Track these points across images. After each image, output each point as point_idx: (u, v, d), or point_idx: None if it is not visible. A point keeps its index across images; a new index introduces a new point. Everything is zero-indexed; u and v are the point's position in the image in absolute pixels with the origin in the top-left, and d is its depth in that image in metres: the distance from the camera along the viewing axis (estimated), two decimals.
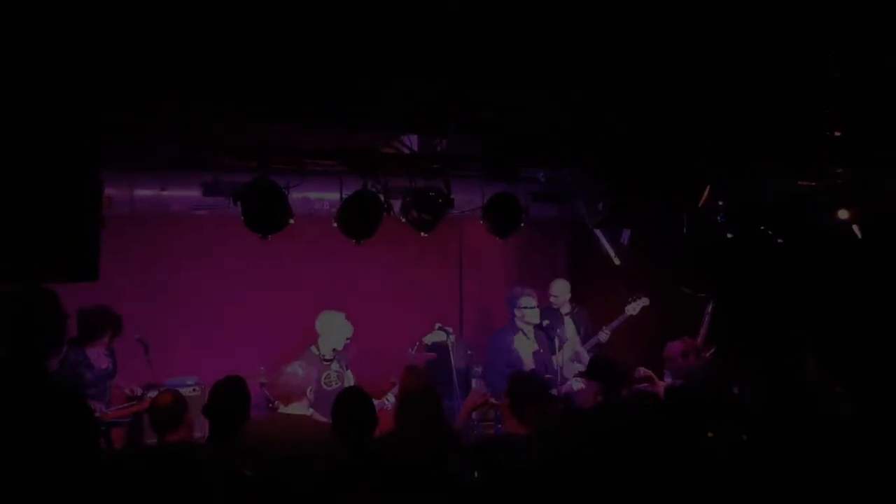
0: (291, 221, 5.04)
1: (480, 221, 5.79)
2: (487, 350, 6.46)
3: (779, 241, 6.20)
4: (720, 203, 6.09)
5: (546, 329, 6.37)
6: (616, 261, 6.85)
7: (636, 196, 5.93)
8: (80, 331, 5.38)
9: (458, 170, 5.72)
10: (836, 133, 5.08)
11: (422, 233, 5.50)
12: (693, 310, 6.28)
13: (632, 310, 6.52)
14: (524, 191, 6.16)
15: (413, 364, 5.04)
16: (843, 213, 5.89)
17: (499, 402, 4.64)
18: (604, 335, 6.50)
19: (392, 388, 5.38)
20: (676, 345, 5.51)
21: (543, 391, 4.21)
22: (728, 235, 6.30)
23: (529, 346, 6.31)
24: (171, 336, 6.16)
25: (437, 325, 6.16)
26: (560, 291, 6.75)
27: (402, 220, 5.51)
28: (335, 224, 5.26)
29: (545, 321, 6.44)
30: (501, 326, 6.48)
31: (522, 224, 5.76)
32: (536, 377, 4.64)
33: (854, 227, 5.95)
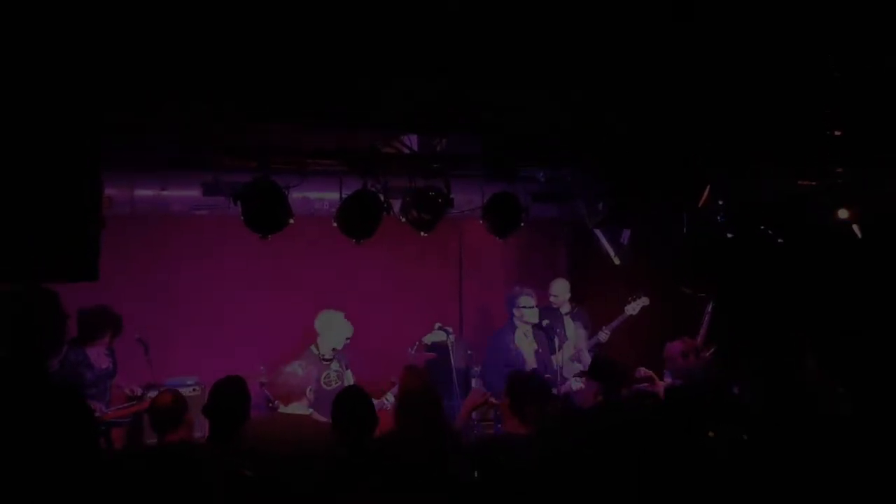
0: (291, 221, 5.04)
1: (480, 221, 5.79)
2: (486, 349, 6.47)
3: (779, 241, 6.20)
4: (720, 203, 6.09)
5: (546, 329, 6.37)
6: (616, 261, 6.85)
7: (636, 196, 5.93)
8: (81, 331, 5.39)
9: (458, 170, 5.72)
10: (836, 133, 5.08)
11: (422, 233, 5.50)
12: (693, 310, 6.28)
13: (632, 310, 6.52)
14: (524, 191, 6.16)
15: (413, 364, 5.04)
16: (843, 213, 5.89)
17: (499, 402, 4.65)
18: (604, 335, 6.50)
19: (392, 388, 5.38)
20: (676, 345, 5.51)
21: (544, 391, 4.20)
22: (728, 235, 6.30)
23: (530, 346, 6.32)
24: (171, 336, 6.16)
25: (437, 325, 6.16)
26: (560, 291, 6.75)
27: (402, 220, 5.51)
28: (335, 224, 5.26)
29: (545, 321, 6.44)
30: (501, 326, 6.50)
31: (522, 224, 5.76)
32: (536, 377, 4.64)
33: (854, 227, 5.96)
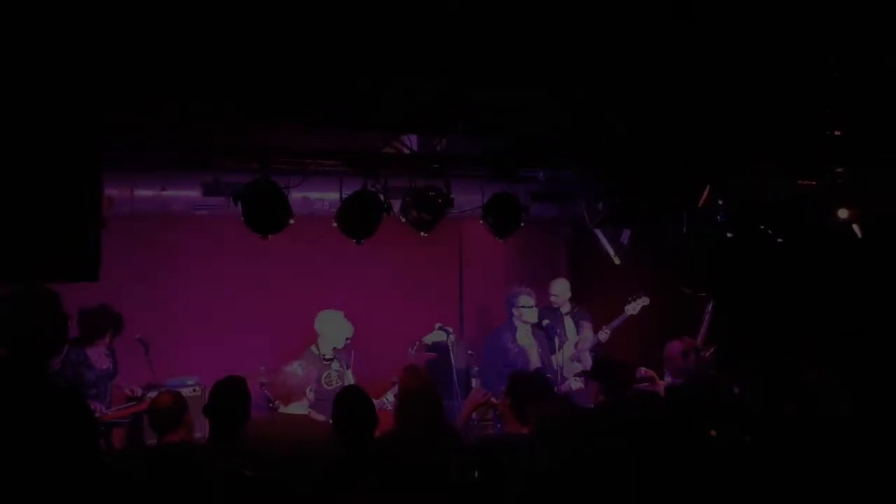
0: (291, 221, 5.04)
1: (480, 221, 5.79)
2: (484, 349, 6.47)
3: (779, 241, 6.20)
4: (720, 203, 6.09)
5: (546, 329, 6.37)
6: (616, 261, 6.86)
7: (636, 196, 5.93)
8: (81, 331, 5.39)
9: (458, 170, 5.72)
10: (836, 133, 5.09)
11: (422, 233, 5.50)
12: (693, 310, 6.28)
13: (632, 309, 6.52)
14: (524, 191, 6.16)
15: (413, 364, 5.04)
16: (843, 213, 5.89)
17: (499, 402, 4.64)
18: (604, 335, 6.50)
19: (392, 388, 5.38)
20: (676, 345, 5.52)
21: (544, 391, 4.20)
22: (728, 235, 6.31)
23: (531, 345, 6.31)
24: (172, 336, 6.15)
25: (438, 325, 6.16)
26: (560, 291, 6.75)
27: (402, 220, 5.50)
28: (335, 224, 5.26)
29: (545, 321, 6.44)
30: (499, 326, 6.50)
31: (522, 224, 5.76)
32: (537, 377, 4.64)
33: (854, 227, 5.96)
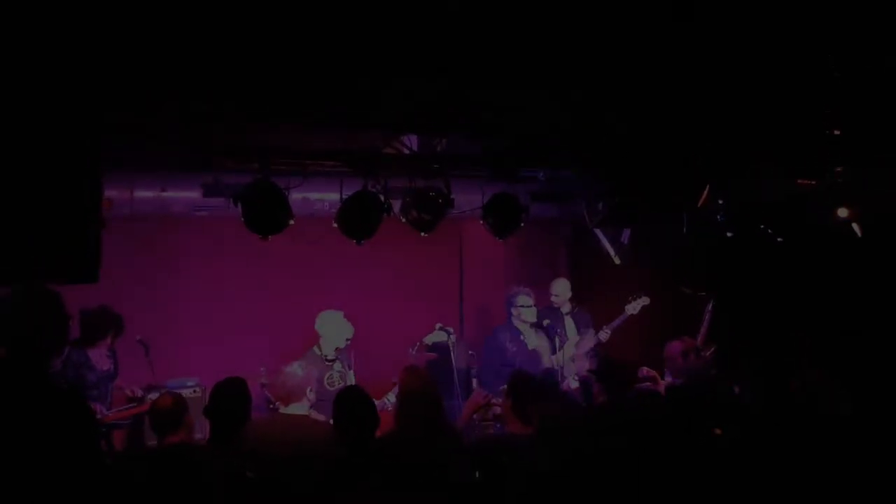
0: (292, 222, 5.04)
1: (480, 221, 5.79)
2: (483, 349, 6.47)
3: (779, 241, 6.20)
4: (720, 203, 6.09)
5: (546, 329, 6.37)
6: (616, 260, 6.86)
7: (636, 196, 5.93)
8: (83, 332, 5.38)
9: (458, 170, 5.72)
10: (836, 133, 5.09)
11: (422, 233, 5.50)
12: (693, 310, 6.28)
13: (632, 309, 6.52)
14: (524, 191, 6.16)
15: (413, 364, 5.03)
16: (843, 212, 5.89)
17: (499, 403, 4.64)
18: (604, 335, 6.50)
19: (393, 389, 5.38)
20: (676, 344, 5.52)
21: (548, 390, 4.21)
22: (728, 235, 6.31)
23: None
24: (172, 337, 6.15)
25: (438, 326, 6.16)
26: (561, 291, 6.75)
27: (402, 221, 5.50)
28: (335, 224, 5.26)
29: (546, 321, 6.44)
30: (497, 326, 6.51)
31: (522, 224, 5.75)
32: (537, 377, 4.65)
33: (854, 226, 5.96)
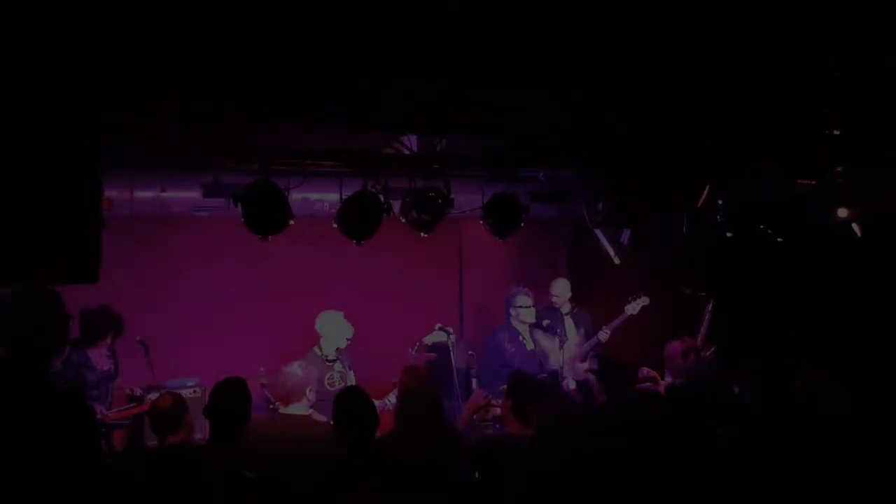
0: (291, 222, 5.04)
1: (480, 222, 5.78)
2: (483, 349, 6.47)
3: (779, 241, 6.20)
4: (720, 203, 6.09)
5: (546, 329, 6.37)
6: (616, 260, 6.85)
7: (636, 196, 5.93)
8: (83, 332, 5.38)
9: (458, 170, 5.71)
10: (836, 133, 5.09)
11: (422, 233, 5.49)
12: (693, 310, 6.28)
13: (632, 309, 6.52)
14: (524, 191, 6.16)
15: (413, 364, 5.04)
16: (843, 212, 5.89)
17: (499, 404, 4.64)
18: (604, 335, 6.50)
19: (394, 390, 5.38)
20: (676, 345, 5.52)
21: (548, 391, 4.22)
22: (728, 235, 6.31)
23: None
24: (172, 337, 6.15)
25: (438, 326, 6.16)
26: (561, 291, 6.75)
27: (402, 221, 5.50)
28: (335, 225, 5.26)
29: (545, 321, 6.44)
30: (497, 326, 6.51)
31: (522, 224, 5.75)
32: (536, 378, 4.65)
33: (854, 226, 5.96)
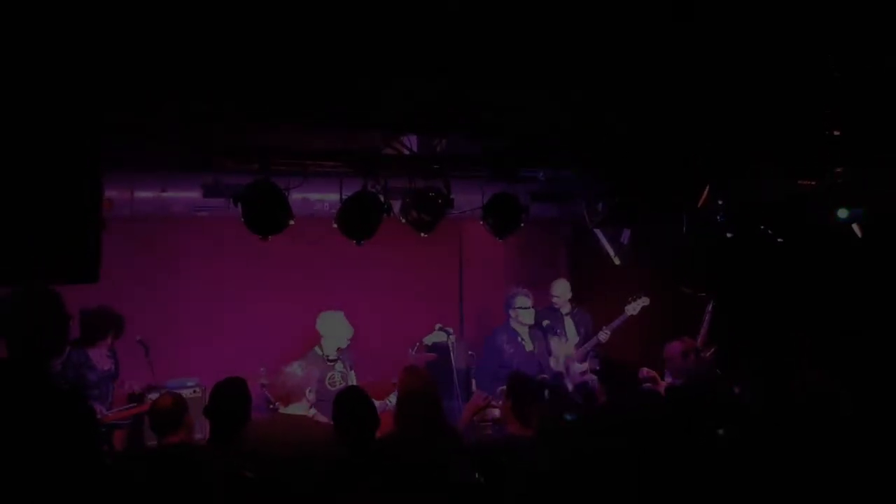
0: (292, 222, 5.04)
1: (480, 222, 5.78)
2: (483, 349, 6.47)
3: (779, 241, 6.20)
4: (720, 203, 6.09)
5: (546, 329, 6.36)
6: (616, 261, 6.86)
7: (636, 196, 5.93)
8: (83, 332, 5.39)
9: (458, 170, 5.72)
10: (836, 133, 5.09)
11: (422, 233, 5.49)
12: (693, 310, 6.28)
13: (632, 309, 6.52)
14: (524, 191, 6.16)
15: (413, 364, 5.04)
16: (843, 213, 5.89)
17: (498, 405, 4.64)
18: (604, 335, 6.50)
19: (395, 390, 5.38)
20: (676, 345, 5.52)
21: (555, 395, 4.22)
22: (728, 235, 6.31)
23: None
24: (172, 337, 6.15)
25: (438, 326, 6.16)
26: (562, 292, 6.75)
27: (402, 221, 5.50)
28: (335, 225, 5.26)
29: (545, 321, 6.44)
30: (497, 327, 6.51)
31: (522, 224, 5.75)
32: (536, 379, 4.65)
33: (854, 227, 5.96)
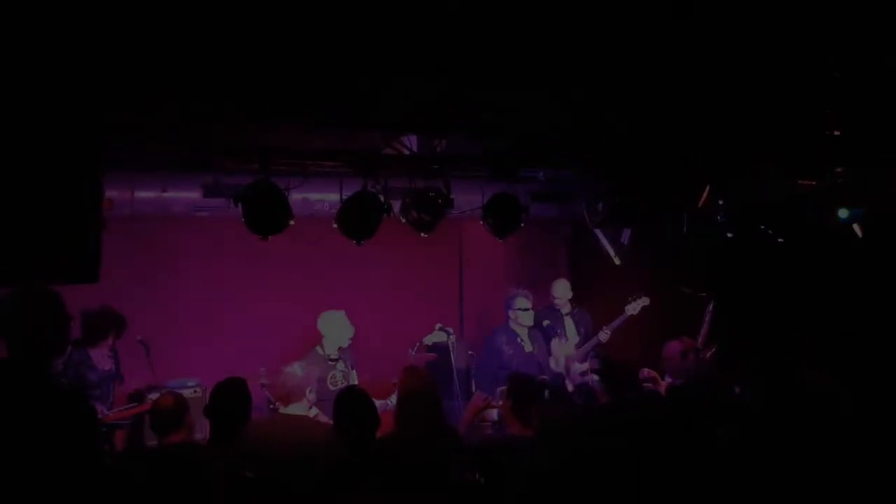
0: (292, 223, 5.04)
1: (480, 222, 5.79)
2: (483, 349, 6.48)
3: (779, 241, 6.20)
4: (720, 203, 6.09)
5: (546, 329, 6.36)
6: (616, 261, 6.85)
7: (636, 196, 5.93)
8: (84, 332, 5.39)
9: (458, 170, 5.72)
10: (836, 133, 5.09)
11: (422, 233, 5.50)
12: (693, 310, 6.28)
13: (632, 309, 6.52)
14: (524, 191, 6.16)
15: (413, 364, 5.04)
16: (843, 212, 5.89)
17: (499, 405, 4.65)
18: (604, 335, 6.50)
19: (395, 390, 5.38)
20: (675, 345, 5.52)
21: (556, 396, 4.22)
22: (728, 235, 6.31)
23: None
24: (173, 337, 6.15)
25: (438, 326, 6.17)
26: (562, 292, 6.75)
27: (402, 221, 5.50)
28: (335, 225, 5.26)
29: (545, 321, 6.43)
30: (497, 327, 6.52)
31: (522, 224, 5.75)
32: (535, 379, 4.65)
33: (854, 226, 5.96)
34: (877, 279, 5.91)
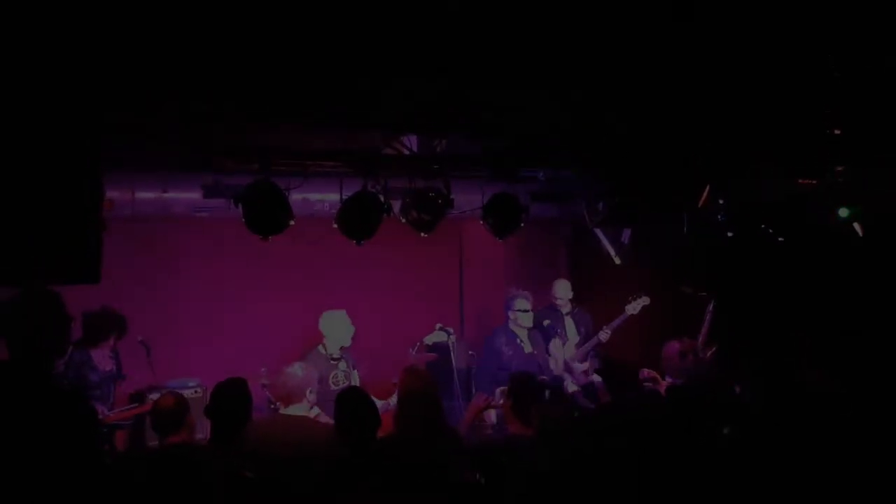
0: (292, 223, 5.04)
1: (480, 222, 5.79)
2: (483, 349, 6.48)
3: (779, 241, 6.20)
4: (720, 203, 6.09)
5: (546, 330, 6.36)
6: (616, 260, 6.86)
7: (636, 196, 5.93)
8: (85, 333, 5.39)
9: (458, 170, 5.72)
10: (836, 132, 5.09)
11: (422, 233, 5.50)
12: (693, 310, 6.28)
13: (632, 309, 6.52)
14: (524, 191, 6.16)
15: (413, 364, 5.04)
16: (844, 212, 5.89)
17: (499, 406, 4.65)
18: (604, 335, 6.50)
19: (395, 390, 5.38)
20: (674, 345, 5.52)
21: (556, 396, 4.22)
22: (728, 235, 6.31)
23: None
24: (173, 338, 6.15)
25: (438, 326, 6.17)
26: (563, 293, 6.75)
27: (402, 221, 5.50)
28: (335, 225, 5.26)
29: (546, 321, 6.43)
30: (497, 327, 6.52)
31: (522, 224, 5.75)
32: (536, 379, 4.65)
33: (855, 226, 5.96)
34: (877, 279, 5.91)
